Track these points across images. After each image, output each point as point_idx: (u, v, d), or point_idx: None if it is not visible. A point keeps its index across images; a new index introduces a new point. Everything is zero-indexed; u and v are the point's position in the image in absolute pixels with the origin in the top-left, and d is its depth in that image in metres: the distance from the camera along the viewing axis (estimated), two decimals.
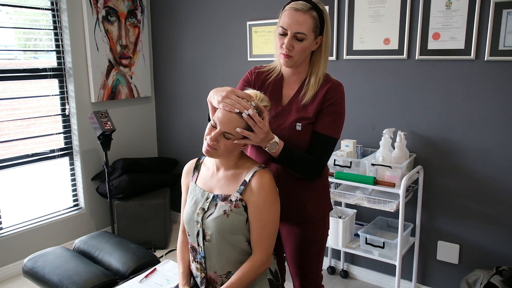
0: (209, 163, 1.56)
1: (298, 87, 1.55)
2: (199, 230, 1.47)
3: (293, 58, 1.47)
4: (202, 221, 1.46)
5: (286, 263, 1.76)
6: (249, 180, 1.44)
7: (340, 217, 2.47)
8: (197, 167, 1.61)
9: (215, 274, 1.49)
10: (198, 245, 1.49)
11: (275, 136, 1.42)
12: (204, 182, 1.54)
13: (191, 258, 1.55)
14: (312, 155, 1.49)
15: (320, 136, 1.50)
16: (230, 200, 1.44)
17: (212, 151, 1.42)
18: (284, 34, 1.45)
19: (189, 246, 1.55)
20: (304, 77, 1.55)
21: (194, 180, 1.58)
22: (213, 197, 1.48)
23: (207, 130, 1.43)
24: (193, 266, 1.55)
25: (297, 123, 1.50)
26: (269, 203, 1.44)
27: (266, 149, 1.43)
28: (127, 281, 1.94)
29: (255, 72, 1.63)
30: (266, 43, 2.87)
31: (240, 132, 1.36)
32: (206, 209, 1.47)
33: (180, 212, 3.70)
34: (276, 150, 1.42)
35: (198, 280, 1.53)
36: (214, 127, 1.41)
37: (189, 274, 1.57)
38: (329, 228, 1.69)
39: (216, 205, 1.46)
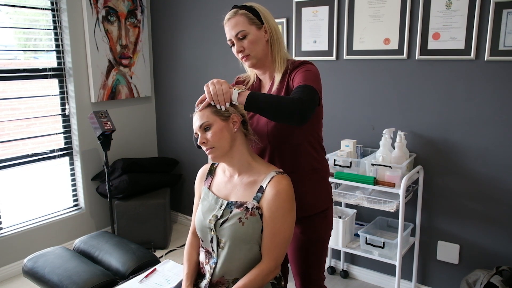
0: (224, 168, 1.54)
1: (271, 82, 1.61)
2: (212, 237, 1.45)
3: (251, 56, 1.54)
4: (215, 228, 1.44)
5: (289, 264, 1.75)
6: (266, 186, 1.42)
7: (340, 217, 2.47)
8: (211, 172, 1.60)
9: (222, 278, 1.46)
10: (212, 250, 1.47)
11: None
12: (218, 188, 1.53)
13: (206, 260, 1.52)
14: None
15: (295, 87, 1.46)
16: (246, 207, 1.42)
17: (213, 151, 1.42)
18: (232, 45, 1.56)
19: (204, 250, 1.53)
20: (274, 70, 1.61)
21: (207, 185, 1.56)
22: (227, 204, 1.46)
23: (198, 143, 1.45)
24: (207, 268, 1.51)
25: None
26: (284, 210, 1.41)
27: (235, 97, 1.38)
28: (127, 281, 1.94)
29: (235, 82, 1.74)
30: None
31: (201, 103, 1.43)
32: (219, 216, 1.44)
33: (180, 213, 3.71)
34: (243, 90, 1.39)
35: (204, 282, 1.50)
36: (196, 133, 1.45)
37: (194, 276, 1.54)
38: (331, 229, 1.68)
39: (230, 212, 1.43)
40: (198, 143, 1.45)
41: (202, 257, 1.54)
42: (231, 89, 1.39)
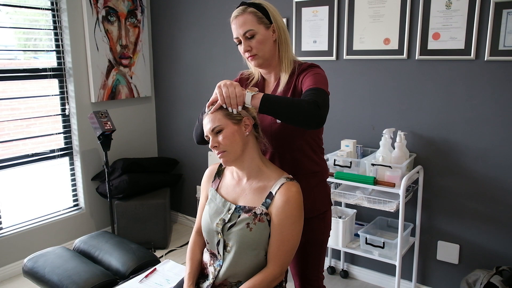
0: (233, 170, 1.52)
1: (276, 82, 1.58)
2: (219, 240, 1.44)
3: (258, 56, 1.51)
4: (222, 232, 1.43)
5: None
6: (275, 193, 1.40)
7: (340, 217, 2.47)
8: (219, 173, 1.57)
9: (225, 280, 1.45)
10: (218, 253, 1.46)
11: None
12: (227, 191, 1.51)
13: (210, 262, 1.50)
14: None
15: (306, 90, 1.44)
16: (255, 213, 1.40)
17: (225, 155, 1.40)
18: (239, 43, 1.52)
19: (209, 252, 1.52)
20: (280, 71, 1.58)
21: (214, 187, 1.54)
22: (236, 208, 1.44)
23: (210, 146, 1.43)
24: (211, 269, 1.50)
25: None
26: (293, 218, 1.39)
27: (249, 100, 1.34)
28: (127, 281, 1.94)
29: (239, 78, 1.71)
30: None
31: (211, 104, 1.38)
32: (226, 220, 1.43)
33: (180, 213, 3.71)
34: (256, 93, 1.35)
35: (207, 283, 1.49)
36: (207, 136, 1.42)
37: (196, 276, 1.53)
38: (330, 229, 1.68)
39: (238, 216, 1.42)
40: (209, 146, 1.42)
41: (207, 257, 1.53)
42: (244, 92, 1.36)
